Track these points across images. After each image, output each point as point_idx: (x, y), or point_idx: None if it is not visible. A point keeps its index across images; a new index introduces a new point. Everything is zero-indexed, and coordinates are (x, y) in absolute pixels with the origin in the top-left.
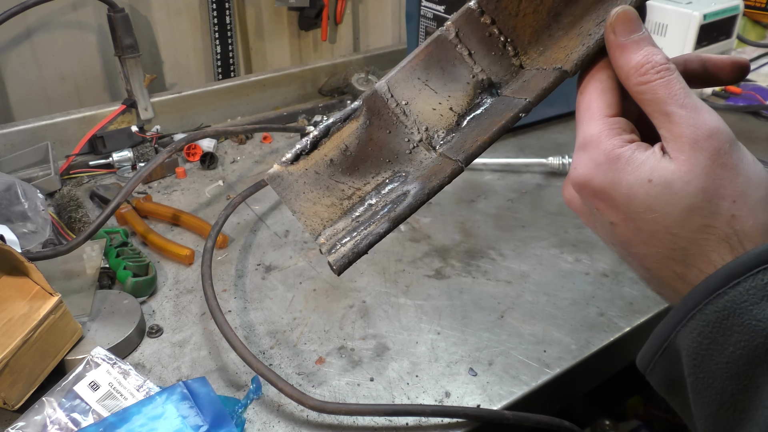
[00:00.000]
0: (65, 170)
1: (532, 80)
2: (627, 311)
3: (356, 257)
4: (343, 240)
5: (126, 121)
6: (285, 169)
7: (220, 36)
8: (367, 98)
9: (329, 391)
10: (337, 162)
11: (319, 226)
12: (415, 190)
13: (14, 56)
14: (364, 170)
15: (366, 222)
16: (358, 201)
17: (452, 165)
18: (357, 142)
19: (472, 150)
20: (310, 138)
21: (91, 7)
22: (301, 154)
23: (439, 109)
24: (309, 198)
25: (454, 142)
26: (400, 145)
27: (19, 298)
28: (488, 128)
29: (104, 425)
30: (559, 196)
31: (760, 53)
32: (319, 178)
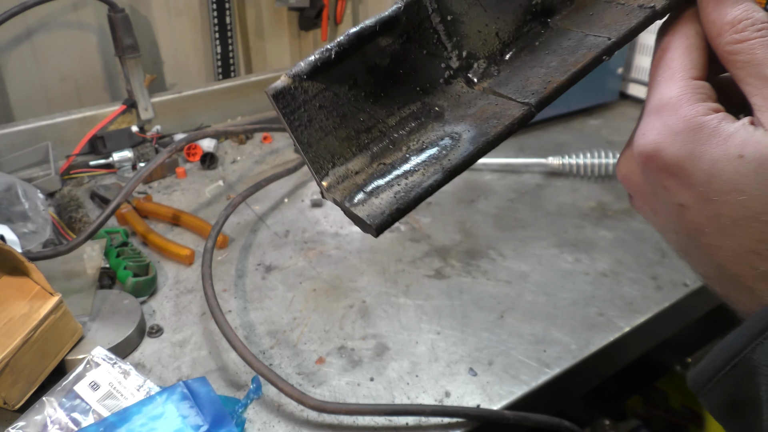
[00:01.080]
0: (65, 170)
1: (605, 15)
2: (627, 311)
3: (400, 214)
4: (368, 187)
5: (126, 121)
6: (298, 85)
7: (220, 36)
8: (409, 5)
9: (329, 390)
10: (361, 83)
11: (327, 162)
12: (470, 134)
13: (15, 56)
14: (390, 98)
15: (398, 165)
16: (379, 135)
17: (520, 108)
18: (389, 60)
19: (547, 92)
20: (335, 47)
21: (91, 8)
22: (321, 66)
23: (485, 32)
24: (321, 126)
25: (502, 77)
26: (435, 71)
27: (20, 298)
28: (561, 68)
29: (104, 425)
30: (559, 195)
31: None
32: (337, 102)
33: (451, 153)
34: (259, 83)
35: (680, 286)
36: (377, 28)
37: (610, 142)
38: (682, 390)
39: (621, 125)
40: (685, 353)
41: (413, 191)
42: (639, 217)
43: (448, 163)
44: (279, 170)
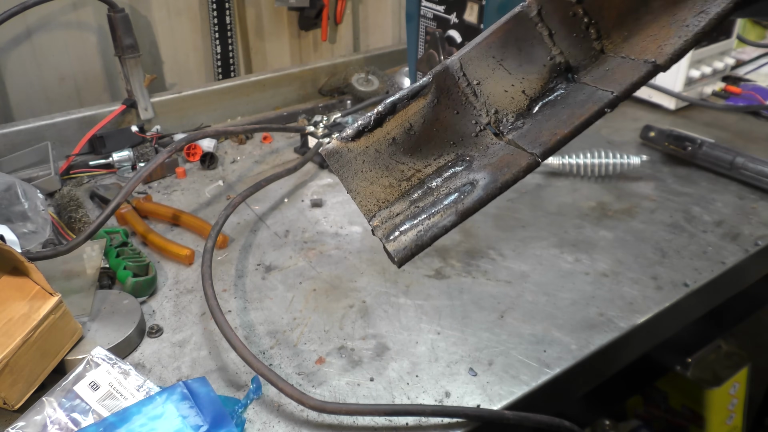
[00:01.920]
0: (65, 170)
1: (617, 70)
2: (627, 311)
3: (419, 249)
4: (402, 227)
5: (126, 121)
6: (345, 146)
7: (220, 36)
8: (437, 75)
9: (329, 391)
10: (400, 141)
11: (374, 207)
12: (485, 181)
13: (14, 56)
14: (427, 151)
15: (427, 209)
16: (418, 183)
17: (527, 158)
18: (422, 121)
19: (551, 144)
20: (374, 114)
21: (91, 7)
22: (363, 130)
23: (511, 92)
24: (367, 177)
25: (525, 129)
26: (466, 126)
27: (20, 298)
28: (568, 121)
29: (104, 425)
30: (559, 195)
31: (760, 53)
32: (379, 157)
33: (466, 198)
34: (259, 83)
35: (680, 286)
36: (410, 96)
37: (610, 142)
38: (682, 390)
39: (621, 125)
40: (686, 353)
41: (431, 231)
42: (639, 217)
43: (462, 207)
44: (279, 170)
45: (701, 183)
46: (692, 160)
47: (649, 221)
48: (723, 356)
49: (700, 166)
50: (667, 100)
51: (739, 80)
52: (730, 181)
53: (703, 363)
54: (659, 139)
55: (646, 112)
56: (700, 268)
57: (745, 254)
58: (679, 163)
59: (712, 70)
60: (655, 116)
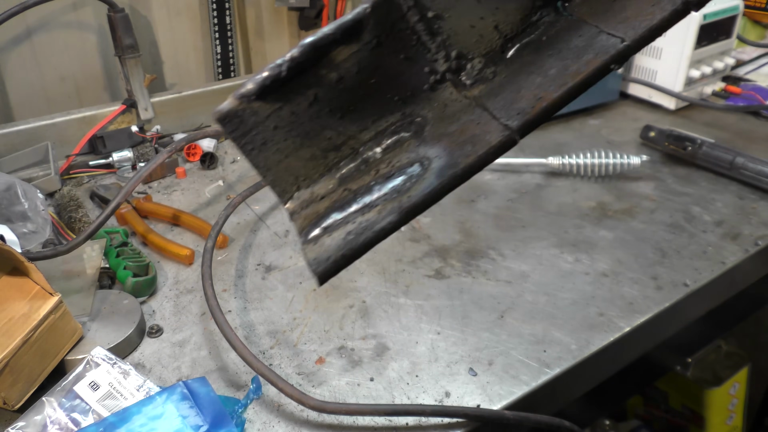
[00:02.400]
0: (65, 170)
1: (628, 2)
2: (627, 311)
3: (347, 261)
4: (326, 220)
5: (126, 121)
6: (246, 106)
7: (220, 36)
8: (377, 5)
9: (329, 391)
10: (325, 99)
11: (290, 185)
12: (440, 162)
13: (14, 56)
14: (363, 111)
15: (361, 196)
16: (350, 154)
17: (500, 132)
18: (356, 70)
19: (534, 113)
20: (286, 62)
21: (91, 7)
22: (272, 84)
23: (479, 27)
24: (280, 148)
25: (497, 83)
26: (417, 76)
27: (20, 298)
28: (558, 78)
29: (104, 425)
30: (559, 195)
31: (760, 53)
32: (297, 121)
33: (414, 187)
34: None
35: (680, 286)
36: (338, 36)
37: (610, 142)
38: (682, 390)
39: (621, 125)
40: (686, 353)
41: (364, 234)
42: (639, 217)
43: (407, 201)
44: None
45: (701, 183)
46: (692, 160)
47: (649, 221)
48: (723, 356)
49: (700, 166)
50: (667, 100)
51: (739, 80)
52: (730, 181)
53: (703, 363)
54: (659, 139)
55: (646, 112)
56: (700, 268)
57: (745, 254)
58: (679, 163)
59: (712, 70)
60: (655, 116)
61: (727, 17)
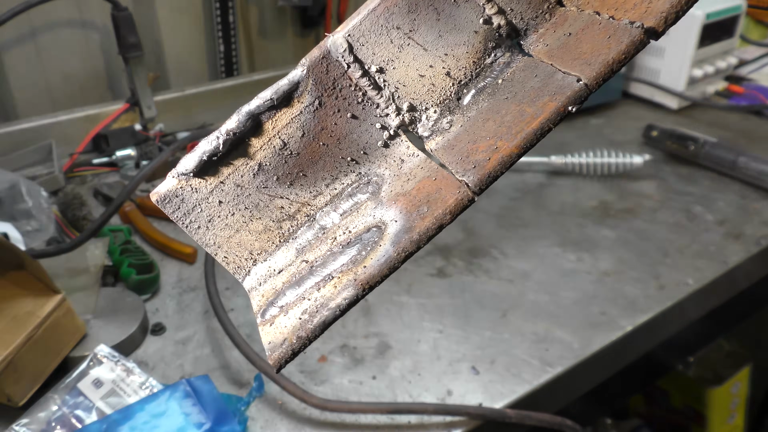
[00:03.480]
0: (69, 168)
1: (584, 36)
2: (629, 310)
3: (302, 345)
4: (282, 298)
5: (129, 120)
6: (185, 185)
7: (223, 35)
8: (314, 65)
9: (331, 389)
10: (270, 167)
11: (246, 261)
12: (396, 227)
13: (18, 55)
14: (314, 176)
15: (318, 269)
16: (306, 222)
17: (456, 189)
18: (301, 134)
19: (490, 166)
20: (222, 135)
21: (94, 7)
22: (210, 159)
23: (430, 76)
24: (229, 224)
25: (454, 134)
26: (368, 134)
27: (24, 296)
28: (514, 125)
29: (107, 422)
30: (562, 195)
31: (763, 53)
32: (243, 193)
33: (369, 256)
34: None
35: (682, 286)
36: (275, 102)
37: (612, 141)
38: (684, 389)
39: (624, 124)
40: (687, 352)
41: (319, 314)
42: (642, 216)
43: (363, 272)
44: None
45: (704, 182)
46: (695, 160)
47: (651, 220)
48: (724, 355)
49: (702, 166)
50: (670, 99)
51: (742, 80)
52: (733, 180)
53: (705, 362)
54: (662, 139)
55: (648, 112)
56: (702, 268)
57: (747, 254)
58: (681, 162)
59: (715, 70)
60: (657, 115)
61: (730, 17)
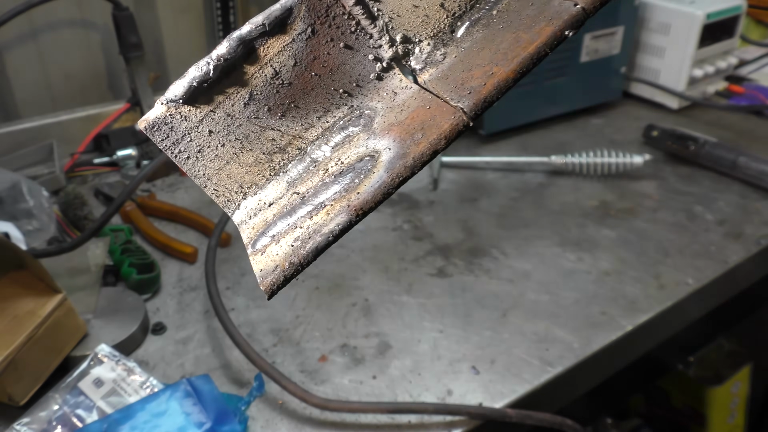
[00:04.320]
0: (70, 168)
1: None
2: (629, 310)
3: (296, 270)
4: (273, 228)
5: (130, 120)
6: (174, 112)
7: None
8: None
9: (332, 388)
10: (261, 96)
11: (236, 194)
12: (390, 154)
13: (19, 54)
14: (306, 107)
15: (309, 198)
16: (297, 155)
17: (450, 115)
18: (293, 63)
19: (485, 91)
20: (213, 61)
21: (95, 6)
22: (200, 86)
23: (424, 7)
24: (219, 154)
25: (447, 65)
26: (361, 65)
27: (25, 295)
28: (510, 51)
29: (108, 422)
30: (562, 194)
31: (763, 53)
32: (233, 123)
33: (363, 183)
34: None
35: (683, 285)
36: (267, 28)
37: (612, 141)
38: (684, 389)
39: (624, 124)
40: (688, 352)
41: (312, 239)
42: (642, 216)
43: (356, 198)
44: None
45: (704, 182)
46: (695, 160)
47: (651, 220)
48: (725, 355)
49: (702, 166)
50: (670, 99)
51: (742, 80)
52: (733, 180)
53: (705, 362)
54: (662, 139)
55: (648, 112)
56: (702, 267)
57: (747, 253)
58: (681, 162)
59: (715, 70)
60: (657, 115)
61: (730, 17)
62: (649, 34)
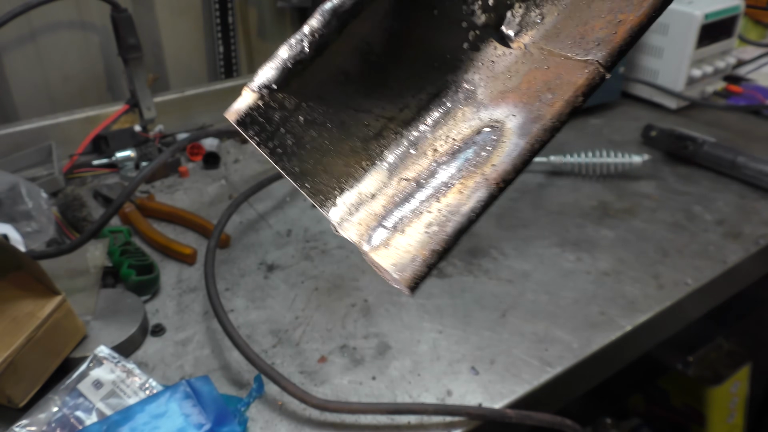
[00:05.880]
0: (69, 170)
1: None
2: (628, 310)
3: (438, 258)
4: (390, 219)
5: (129, 121)
6: (269, 99)
7: (222, 36)
8: None
9: (331, 389)
10: (356, 77)
11: (333, 190)
12: (517, 121)
13: (18, 56)
14: (399, 86)
15: (427, 182)
16: (394, 139)
17: (582, 69)
18: (387, 36)
19: (618, 39)
20: (307, 35)
21: (94, 8)
22: (295, 67)
23: None
24: (315, 146)
25: (551, 24)
26: (454, 35)
27: (24, 297)
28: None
29: (108, 423)
30: (561, 195)
31: (761, 53)
32: (329, 109)
33: (495, 153)
34: None
35: (682, 285)
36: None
37: (611, 141)
38: (683, 388)
39: (622, 124)
40: (687, 352)
41: (451, 222)
42: (641, 216)
43: (493, 170)
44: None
45: (702, 182)
46: (694, 160)
47: (650, 220)
48: (724, 355)
49: (701, 166)
50: (669, 99)
51: (741, 80)
52: (732, 180)
53: (704, 361)
54: (660, 139)
55: (647, 112)
56: (701, 267)
57: (746, 253)
58: (680, 162)
59: (714, 70)
60: (656, 115)
61: (729, 17)
62: (647, 34)
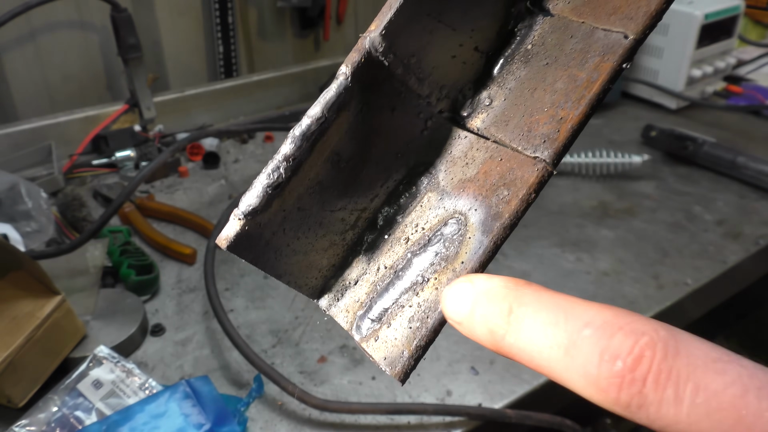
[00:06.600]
0: (68, 169)
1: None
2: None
3: (423, 352)
4: (374, 310)
5: (129, 121)
6: (252, 222)
7: (222, 36)
8: (357, 70)
9: (331, 389)
10: (329, 182)
11: (317, 280)
12: (479, 216)
13: (18, 56)
14: (368, 179)
15: (403, 273)
16: (367, 227)
17: (532, 167)
18: (354, 142)
19: (561, 138)
20: (283, 162)
21: (94, 8)
22: (274, 190)
23: (461, 54)
24: (296, 248)
25: (499, 109)
26: (413, 125)
27: (23, 297)
28: (570, 92)
29: (107, 423)
30: (561, 195)
31: (761, 53)
32: (307, 215)
33: (463, 249)
34: (262, 83)
35: (681, 285)
36: (326, 115)
37: (611, 142)
38: None
39: (622, 124)
40: None
41: (431, 317)
42: (641, 216)
43: (462, 268)
44: None
45: (702, 182)
46: (693, 160)
47: (650, 220)
48: None
49: (701, 166)
50: (669, 99)
51: (741, 80)
52: (732, 180)
53: None
54: (660, 139)
55: (647, 112)
56: (701, 267)
57: (746, 253)
58: (680, 162)
59: (714, 70)
60: (656, 115)
61: (729, 17)
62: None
